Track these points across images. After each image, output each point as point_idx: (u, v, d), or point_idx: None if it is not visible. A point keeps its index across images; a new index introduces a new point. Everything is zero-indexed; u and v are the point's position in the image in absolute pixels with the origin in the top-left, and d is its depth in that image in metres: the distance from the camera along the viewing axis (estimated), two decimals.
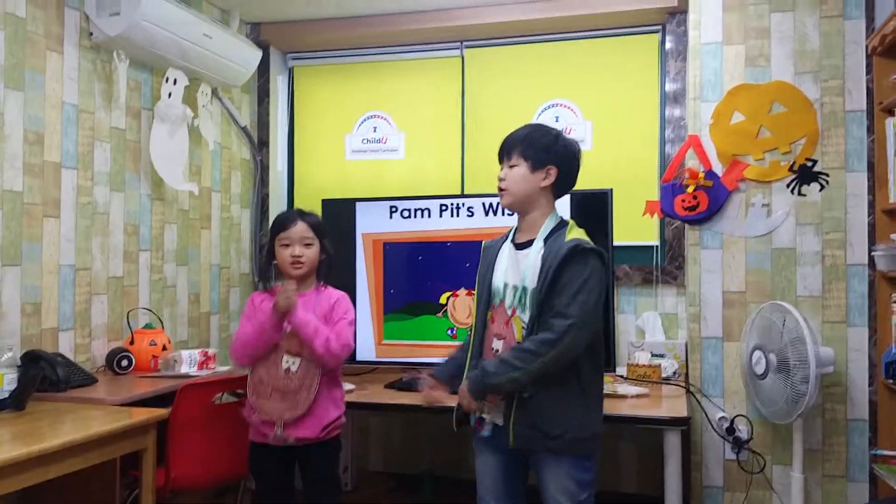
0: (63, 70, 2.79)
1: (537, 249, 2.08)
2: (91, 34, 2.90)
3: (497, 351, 2.11)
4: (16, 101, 2.59)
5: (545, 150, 2.11)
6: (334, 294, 2.49)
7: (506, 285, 2.13)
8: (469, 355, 2.19)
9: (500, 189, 2.15)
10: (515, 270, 2.11)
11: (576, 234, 2.09)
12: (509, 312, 2.10)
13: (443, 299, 3.15)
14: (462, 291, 3.12)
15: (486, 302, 2.17)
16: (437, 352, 3.07)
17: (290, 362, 2.37)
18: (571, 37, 3.68)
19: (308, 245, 2.43)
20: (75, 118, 2.85)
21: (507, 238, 2.22)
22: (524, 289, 2.07)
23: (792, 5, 3.05)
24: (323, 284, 2.51)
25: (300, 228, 2.43)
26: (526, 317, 2.05)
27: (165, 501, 2.57)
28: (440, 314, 3.16)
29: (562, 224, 2.14)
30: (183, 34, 3.09)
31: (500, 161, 2.18)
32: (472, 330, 2.22)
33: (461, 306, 3.10)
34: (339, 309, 2.46)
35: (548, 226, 2.12)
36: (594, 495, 2.11)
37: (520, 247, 2.15)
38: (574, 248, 2.00)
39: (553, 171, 2.11)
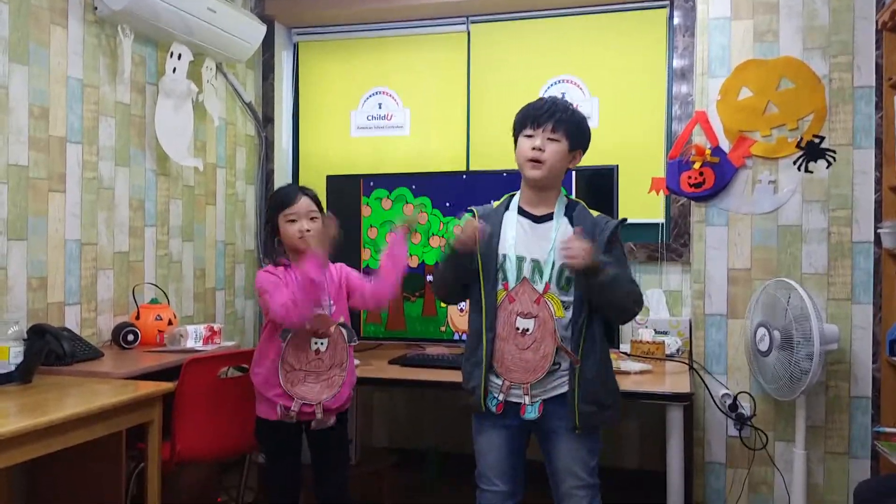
0: (67, 44, 2.78)
1: (562, 225, 2.08)
2: (95, 8, 2.88)
3: (527, 330, 2.04)
4: (20, 75, 2.58)
5: (584, 135, 2.12)
6: (337, 265, 2.50)
7: (521, 259, 2.07)
8: (483, 328, 2.08)
9: (537, 160, 2.04)
10: (535, 245, 2.08)
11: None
12: (540, 289, 2.05)
13: None
14: None
15: (495, 275, 2.09)
16: (441, 328, 3.10)
17: (318, 343, 2.38)
18: (578, 12, 3.63)
19: (314, 219, 2.44)
20: (80, 93, 2.84)
21: (507, 208, 2.17)
22: (553, 263, 2.05)
23: None
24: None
25: (305, 203, 2.43)
26: (558, 293, 2.04)
27: (171, 474, 2.60)
28: None
29: (574, 201, 2.16)
30: (187, 8, 3.07)
31: (533, 125, 2.06)
32: (483, 309, 2.09)
33: None
34: (353, 274, 2.50)
35: (562, 201, 2.13)
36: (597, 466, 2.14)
37: (539, 220, 2.12)
38: (619, 225, 2.08)
39: (579, 156, 2.14)
